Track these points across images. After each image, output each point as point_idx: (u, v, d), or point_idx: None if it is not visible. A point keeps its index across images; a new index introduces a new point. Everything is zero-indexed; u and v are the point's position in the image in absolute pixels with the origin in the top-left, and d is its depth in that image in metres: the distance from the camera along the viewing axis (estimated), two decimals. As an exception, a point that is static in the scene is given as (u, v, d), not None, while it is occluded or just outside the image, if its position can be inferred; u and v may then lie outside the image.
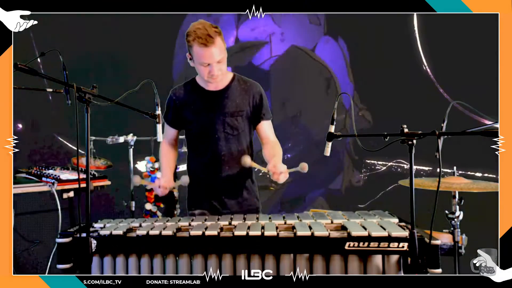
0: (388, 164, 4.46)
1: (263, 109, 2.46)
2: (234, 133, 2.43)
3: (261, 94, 2.47)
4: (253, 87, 2.46)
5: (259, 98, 2.45)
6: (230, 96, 2.41)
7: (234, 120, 2.42)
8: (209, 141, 2.43)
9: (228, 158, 2.43)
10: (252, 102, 2.44)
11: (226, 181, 2.45)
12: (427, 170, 3.84)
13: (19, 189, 3.01)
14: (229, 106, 2.41)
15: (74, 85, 1.88)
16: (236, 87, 2.43)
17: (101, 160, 3.71)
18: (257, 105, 2.45)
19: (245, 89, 2.44)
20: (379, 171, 4.50)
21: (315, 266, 1.86)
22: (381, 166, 4.50)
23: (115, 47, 4.73)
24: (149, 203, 3.53)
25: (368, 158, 4.53)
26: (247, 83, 2.46)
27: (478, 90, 3.67)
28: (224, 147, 2.42)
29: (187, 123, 2.48)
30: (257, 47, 5.95)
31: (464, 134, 1.96)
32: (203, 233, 1.93)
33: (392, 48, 4.26)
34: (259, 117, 2.47)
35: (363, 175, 4.54)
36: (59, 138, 4.97)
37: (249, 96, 2.44)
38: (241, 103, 2.42)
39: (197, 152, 2.50)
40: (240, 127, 2.44)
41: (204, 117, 2.42)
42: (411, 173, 1.81)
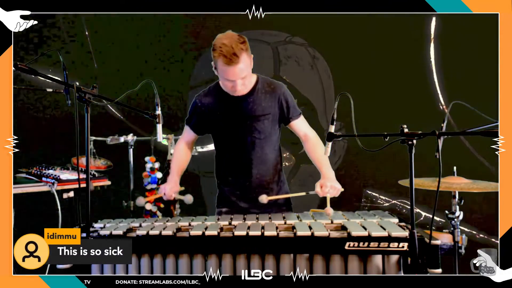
0: (392, 202, 4.38)
1: (290, 109, 2.44)
2: (262, 137, 2.42)
3: (286, 95, 2.44)
4: (278, 89, 2.43)
5: (284, 99, 2.42)
6: (255, 100, 2.39)
7: (261, 124, 2.40)
8: (236, 146, 2.43)
9: (256, 162, 2.44)
10: (278, 104, 2.42)
11: (255, 183, 2.45)
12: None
13: (19, 189, 3.01)
14: (255, 110, 2.38)
15: (74, 85, 1.88)
16: (261, 90, 2.40)
17: (101, 160, 3.71)
18: (284, 107, 2.43)
19: (270, 91, 2.41)
20: (381, 205, 4.42)
21: (315, 266, 1.86)
22: (383, 201, 4.43)
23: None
24: (149, 203, 3.53)
25: (369, 189, 4.47)
26: (271, 85, 2.43)
27: (478, 90, 3.67)
28: (252, 151, 2.42)
29: (212, 128, 2.48)
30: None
31: (464, 134, 1.96)
32: (203, 233, 1.93)
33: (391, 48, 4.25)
34: (288, 118, 2.45)
35: (362, 204, 4.47)
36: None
37: (275, 99, 2.41)
38: (267, 106, 2.40)
39: (225, 156, 2.51)
40: (267, 130, 2.42)
41: (230, 123, 2.40)
42: (411, 173, 1.81)
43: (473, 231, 4.09)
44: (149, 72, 4.56)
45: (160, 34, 4.66)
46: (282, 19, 4.27)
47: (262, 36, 4.56)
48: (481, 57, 3.72)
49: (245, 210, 2.45)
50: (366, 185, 4.48)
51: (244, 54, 2.19)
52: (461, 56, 4.03)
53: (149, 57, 4.64)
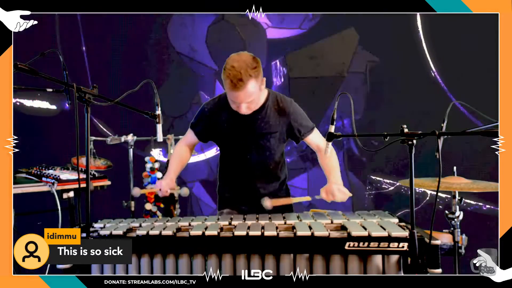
0: (396, 184, 4.34)
1: (301, 128, 2.39)
2: (266, 154, 2.40)
3: (296, 114, 2.38)
4: (287, 107, 2.36)
5: (294, 120, 2.37)
6: (263, 118, 2.34)
7: (267, 142, 2.37)
8: (240, 160, 2.41)
9: (259, 174, 2.43)
10: (287, 125, 2.37)
11: (258, 191, 2.44)
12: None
13: (19, 189, 3.01)
14: (262, 128, 2.35)
15: (74, 85, 1.88)
16: (270, 108, 2.35)
17: (101, 160, 3.71)
18: (294, 127, 2.38)
19: (279, 110, 2.36)
20: (386, 190, 4.39)
21: (315, 266, 1.87)
22: (388, 185, 4.39)
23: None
24: (149, 203, 3.52)
25: (373, 174, 4.44)
26: (281, 104, 2.36)
27: (478, 90, 3.67)
28: (256, 166, 2.41)
29: (217, 139, 2.47)
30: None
31: (464, 134, 1.96)
32: (203, 233, 1.93)
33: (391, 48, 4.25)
34: (300, 137, 2.40)
35: (367, 193, 4.44)
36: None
37: (284, 119, 2.36)
38: (275, 124, 2.36)
39: (228, 165, 2.50)
40: (273, 148, 2.40)
41: (236, 138, 2.38)
42: (411, 173, 1.81)
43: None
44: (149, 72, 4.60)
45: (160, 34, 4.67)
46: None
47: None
48: (481, 57, 3.72)
49: (246, 213, 2.42)
50: (369, 171, 4.47)
51: (252, 80, 2.14)
52: (461, 56, 4.03)
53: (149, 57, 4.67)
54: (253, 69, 2.14)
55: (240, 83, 2.11)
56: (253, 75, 2.13)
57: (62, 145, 3.75)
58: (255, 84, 2.17)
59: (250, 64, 2.15)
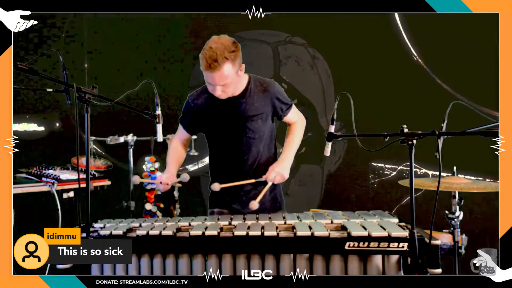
0: (398, 168, 4.33)
1: (283, 106, 2.45)
2: (256, 136, 2.40)
3: (278, 92, 2.43)
4: (270, 87, 2.41)
5: (276, 98, 2.41)
6: (248, 101, 2.37)
7: (254, 124, 2.38)
8: (230, 146, 2.41)
9: (251, 161, 2.42)
10: (271, 103, 2.40)
11: (249, 184, 2.43)
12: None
13: (19, 189, 3.01)
14: (247, 110, 2.37)
15: (74, 85, 1.88)
16: (253, 90, 2.38)
17: (101, 160, 3.71)
18: (276, 105, 2.42)
19: (262, 91, 2.39)
20: (389, 176, 4.36)
21: (315, 266, 1.86)
22: (390, 170, 4.37)
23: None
24: (149, 203, 3.53)
25: (374, 161, 4.42)
26: (263, 85, 2.41)
27: (478, 90, 3.67)
28: (247, 151, 2.41)
29: (205, 129, 2.47)
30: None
31: (464, 134, 1.96)
32: (203, 233, 1.93)
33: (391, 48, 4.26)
34: (282, 115, 2.46)
35: (371, 181, 4.42)
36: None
37: (267, 98, 2.39)
38: (260, 105, 2.38)
39: (219, 156, 2.49)
40: (261, 130, 2.41)
41: (223, 123, 2.39)
42: (411, 173, 1.81)
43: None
44: (149, 72, 4.58)
45: (160, 34, 4.67)
46: (282, 19, 4.28)
47: (262, 36, 4.56)
48: (481, 57, 3.72)
49: (237, 211, 2.43)
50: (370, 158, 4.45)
51: (227, 63, 2.15)
52: (461, 56, 4.03)
53: (149, 57, 4.66)
54: (231, 53, 2.16)
55: (215, 63, 2.13)
56: (230, 58, 2.15)
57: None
58: (231, 68, 2.18)
59: (228, 48, 2.17)
